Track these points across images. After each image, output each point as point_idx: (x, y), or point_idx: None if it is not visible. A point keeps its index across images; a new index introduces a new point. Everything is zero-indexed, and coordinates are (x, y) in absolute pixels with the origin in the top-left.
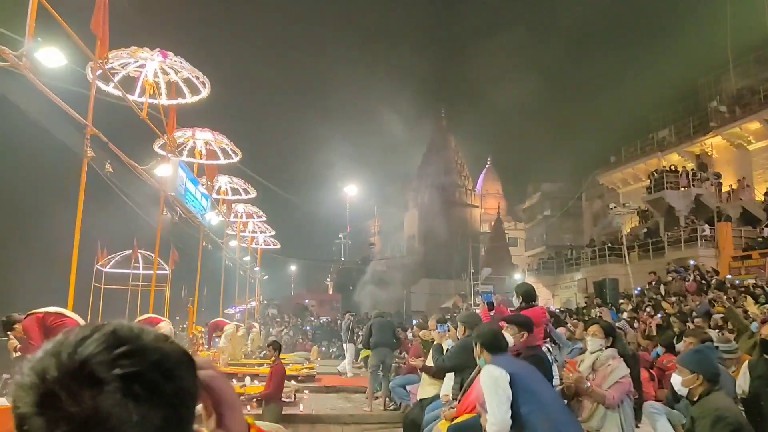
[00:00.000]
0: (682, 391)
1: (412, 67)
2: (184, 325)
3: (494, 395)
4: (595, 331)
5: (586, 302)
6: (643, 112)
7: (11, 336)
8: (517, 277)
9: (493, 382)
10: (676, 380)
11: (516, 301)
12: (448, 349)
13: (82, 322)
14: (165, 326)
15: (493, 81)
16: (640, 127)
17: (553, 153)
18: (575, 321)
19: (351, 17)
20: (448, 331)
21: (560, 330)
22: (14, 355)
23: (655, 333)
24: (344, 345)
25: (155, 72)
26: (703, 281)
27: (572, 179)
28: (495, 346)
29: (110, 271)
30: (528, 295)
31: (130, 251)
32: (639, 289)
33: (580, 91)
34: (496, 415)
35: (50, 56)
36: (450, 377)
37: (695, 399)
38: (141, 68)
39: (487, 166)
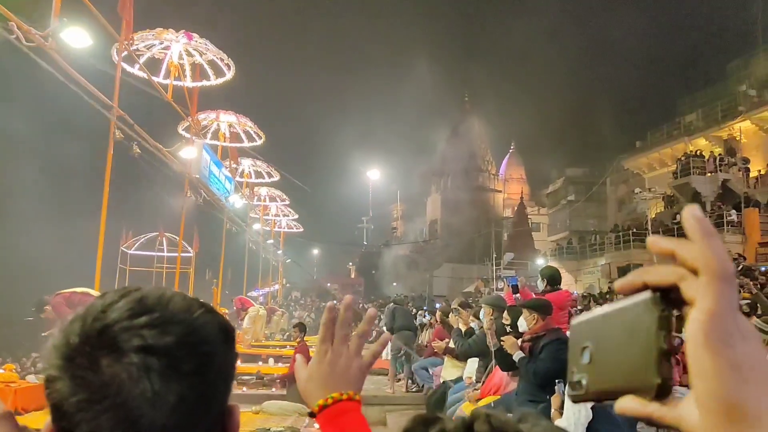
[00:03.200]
0: None
1: (437, 51)
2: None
3: None
4: None
5: (609, 287)
6: (670, 96)
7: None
8: (540, 262)
9: None
10: None
11: (541, 284)
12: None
13: None
14: None
15: (517, 64)
16: (667, 111)
17: (578, 137)
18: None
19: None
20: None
21: None
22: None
23: None
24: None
25: (180, 54)
26: None
27: (597, 164)
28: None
29: (135, 254)
30: (553, 279)
31: (156, 234)
32: None
33: (606, 75)
34: None
35: (76, 37)
36: (473, 360)
37: None
38: (166, 50)
39: (510, 150)
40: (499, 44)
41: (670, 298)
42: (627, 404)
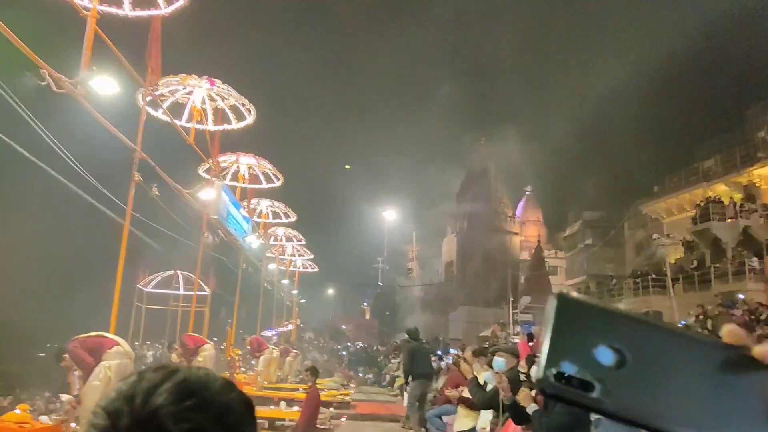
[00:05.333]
0: None
1: (453, 93)
2: (222, 347)
3: None
4: None
5: None
6: (687, 141)
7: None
8: None
9: None
10: None
11: None
12: (485, 382)
13: (119, 340)
14: (209, 349)
15: (534, 107)
16: (685, 156)
17: (595, 181)
18: None
19: (391, 44)
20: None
21: None
22: (73, 379)
23: None
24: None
25: (203, 99)
26: (752, 316)
27: (614, 208)
28: None
29: (152, 291)
30: None
31: (172, 272)
32: (684, 322)
33: (623, 119)
34: None
35: (104, 84)
36: (487, 412)
37: None
38: (189, 95)
39: (527, 193)
40: (516, 87)
41: None
42: None
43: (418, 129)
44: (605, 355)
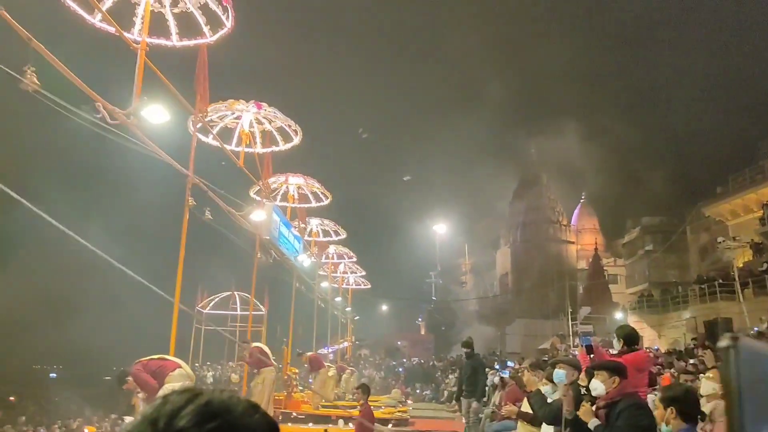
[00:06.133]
0: None
1: (501, 100)
2: (279, 365)
3: None
4: (713, 374)
5: (693, 344)
6: (749, 138)
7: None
8: (619, 316)
9: None
10: None
11: (617, 345)
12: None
13: (181, 362)
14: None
15: (585, 111)
16: (748, 154)
17: (652, 185)
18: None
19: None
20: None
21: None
22: (137, 401)
23: None
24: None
25: (251, 122)
26: None
27: (674, 212)
28: (692, 414)
29: (210, 313)
30: (630, 338)
31: (228, 293)
32: (756, 329)
33: (680, 119)
34: None
35: (155, 113)
36: (548, 426)
37: None
38: (237, 119)
39: (581, 200)
40: (566, 92)
41: None
42: None
43: (466, 138)
44: None
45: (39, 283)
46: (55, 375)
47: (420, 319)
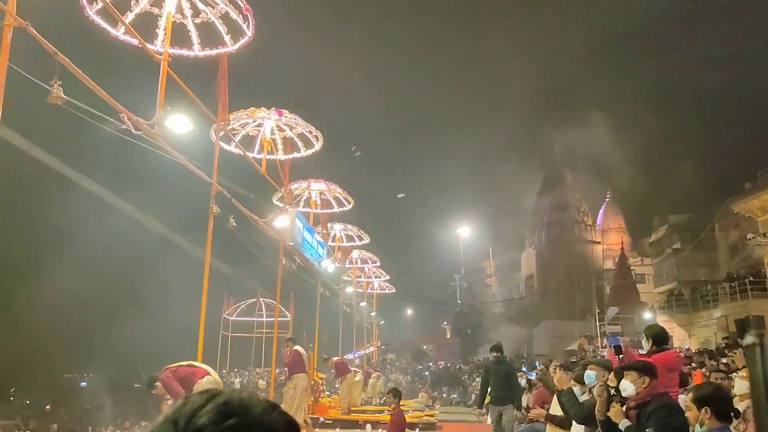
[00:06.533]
0: None
1: (526, 102)
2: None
3: None
4: (746, 373)
5: (725, 343)
6: None
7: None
8: (647, 316)
9: None
10: None
11: (646, 345)
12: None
13: (209, 369)
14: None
15: (609, 108)
16: None
17: (679, 182)
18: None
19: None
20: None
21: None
22: (166, 408)
23: None
24: None
25: (272, 130)
26: None
27: (702, 209)
28: (725, 413)
29: (236, 320)
30: (659, 338)
31: (254, 300)
32: None
33: (707, 114)
34: None
35: (178, 123)
36: (579, 427)
37: None
38: (259, 127)
39: (606, 199)
40: (590, 88)
41: None
42: None
43: (489, 138)
44: None
45: (69, 292)
46: (85, 384)
47: (445, 323)
